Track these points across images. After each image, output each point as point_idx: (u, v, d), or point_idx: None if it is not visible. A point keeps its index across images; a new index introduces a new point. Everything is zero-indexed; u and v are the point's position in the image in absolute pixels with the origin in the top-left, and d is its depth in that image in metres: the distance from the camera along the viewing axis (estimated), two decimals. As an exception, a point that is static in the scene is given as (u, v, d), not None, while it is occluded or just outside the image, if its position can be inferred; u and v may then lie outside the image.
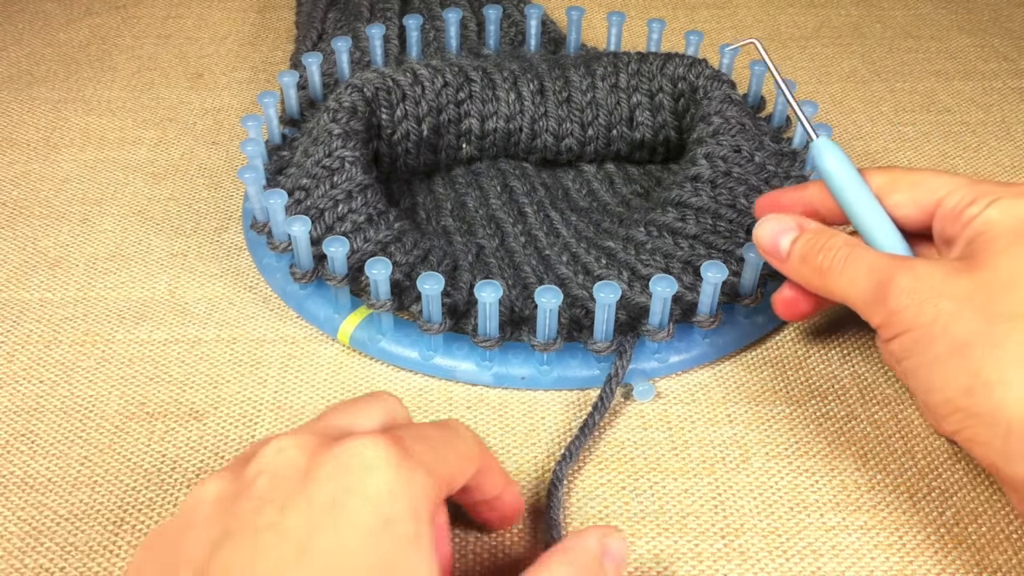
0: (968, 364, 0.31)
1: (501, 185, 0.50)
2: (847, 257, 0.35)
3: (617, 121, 0.51)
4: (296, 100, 0.52)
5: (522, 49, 0.59)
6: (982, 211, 0.34)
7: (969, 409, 0.32)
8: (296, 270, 0.43)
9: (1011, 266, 0.32)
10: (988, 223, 0.33)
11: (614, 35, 0.57)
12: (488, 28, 0.58)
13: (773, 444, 0.39)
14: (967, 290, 0.32)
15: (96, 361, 0.43)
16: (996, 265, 0.32)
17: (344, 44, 0.54)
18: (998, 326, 0.31)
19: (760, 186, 0.44)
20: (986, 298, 0.32)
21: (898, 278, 0.33)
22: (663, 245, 0.43)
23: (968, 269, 0.33)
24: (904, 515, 0.37)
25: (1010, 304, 0.31)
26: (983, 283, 0.32)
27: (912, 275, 0.33)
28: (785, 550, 0.35)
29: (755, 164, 0.45)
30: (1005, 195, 0.34)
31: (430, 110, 0.49)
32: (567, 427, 0.40)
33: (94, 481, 0.37)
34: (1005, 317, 0.31)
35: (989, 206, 0.34)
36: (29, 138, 0.57)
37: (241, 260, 0.48)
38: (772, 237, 0.38)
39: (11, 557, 0.35)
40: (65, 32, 0.67)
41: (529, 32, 0.58)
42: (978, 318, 0.31)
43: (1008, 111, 0.60)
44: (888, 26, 0.69)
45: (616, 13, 0.56)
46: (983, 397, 0.31)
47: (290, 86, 0.51)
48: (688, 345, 0.42)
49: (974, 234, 0.34)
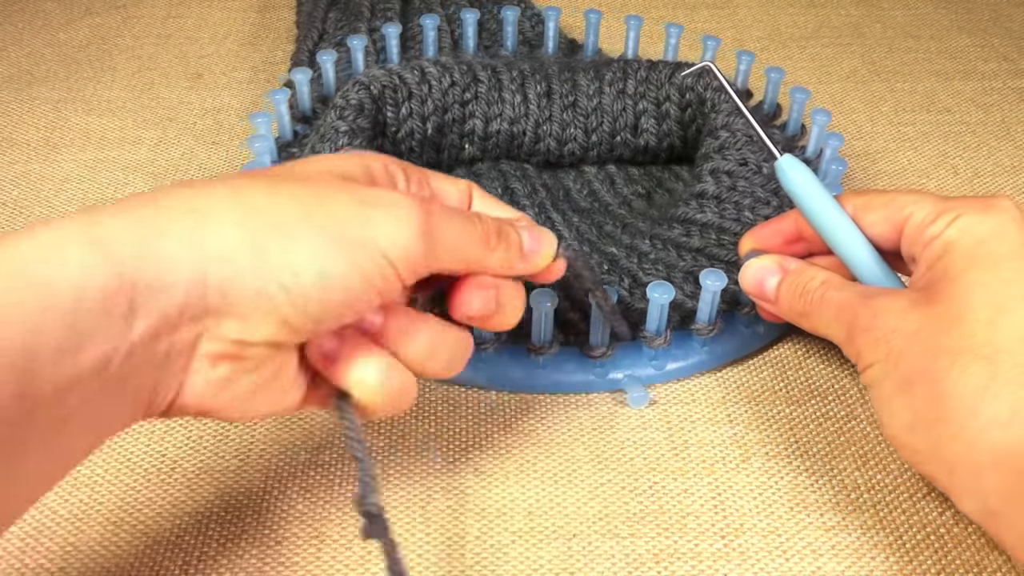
0: (911, 401, 0.31)
1: (502, 187, 0.50)
2: (821, 299, 0.35)
3: (622, 128, 0.51)
4: (308, 97, 0.52)
5: (538, 51, 0.59)
6: (943, 231, 0.33)
7: (914, 446, 0.31)
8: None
9: (962, 296, 0.31)
10: (947, 245, 0.33)
11: (631, 39, 0.57)
12: (506, 30, 0.58)
13: (773, 444, 0.39)
14: (917, 325, 0.31)
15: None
16: (948, 296, 0.31)
17: (360, 43, 0.54)
18: (939, 361, 0.30)
19: (768, 197, 0.44)
20: (933, 332, 0.31)
21: (859, 317, 0.33)
22: (666, 256, 0.43)
23: (923, 301, 0.32)
24: (904, 515, 0.37)
25: (954, 338, 0.30)
26: (933, 317, 0.31)
27: (870, 312, 0.33)
28: (785, 550, 0.35)
29: (762, 175, 0.45)
30: (968, 212, 0.33)
31: (435, 109, 0.49)
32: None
33: (94, 481, 0.37)
34: (948, 352, 0.30)
35: (950, 225, 0.33)
36: (29, 138, 0.57)
37: (241, 260, 0.48)
38: (757, 282, 0.38)
39: (11, 557, 0.35)
40: (65, 32, 0.67)
41: (547, 35, 0.58)
42: (923, 354, 0.31)
43: (1008, 111, 0.60)
44: (888, 26, 0.69)
45: (634, 17, 0.56)
46: (924, 434, 0.31)
47: (303, 83, 0.52)
48: (686, 352, 0.42)
49: (933, 257, 0.33)
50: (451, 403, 0.41)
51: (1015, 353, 0.30)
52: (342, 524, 0.36)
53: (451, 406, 0.41)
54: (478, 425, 0.40)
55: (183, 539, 0.35)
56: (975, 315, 0.30)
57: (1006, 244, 0.32)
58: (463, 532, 0.36)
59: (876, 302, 0.33)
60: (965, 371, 0.30)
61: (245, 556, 0.35)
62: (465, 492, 0.37)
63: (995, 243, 0.32)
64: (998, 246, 0.31)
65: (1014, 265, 0.31)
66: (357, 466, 0.30)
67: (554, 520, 0.36)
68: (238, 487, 0.37)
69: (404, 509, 0.37)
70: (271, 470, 0.38)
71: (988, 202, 0.33)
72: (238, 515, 0.36)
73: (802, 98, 0.51)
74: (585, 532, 0.36)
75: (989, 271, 0.31)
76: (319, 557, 0.35)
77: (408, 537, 0.36)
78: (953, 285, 0.31)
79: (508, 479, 0.38)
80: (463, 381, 0.42)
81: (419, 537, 0.36)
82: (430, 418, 0.40)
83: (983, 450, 0.29)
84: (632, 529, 0.36)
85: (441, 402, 0.41)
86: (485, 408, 0.41)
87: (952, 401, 0.30)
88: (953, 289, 0.31)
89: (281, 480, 0.38)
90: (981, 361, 0.30)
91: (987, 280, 0.31)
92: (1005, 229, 0.32)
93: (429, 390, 0.42)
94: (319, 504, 0.37)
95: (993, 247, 0.31)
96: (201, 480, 0.37)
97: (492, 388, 0.42)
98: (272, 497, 0.37)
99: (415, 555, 0.35)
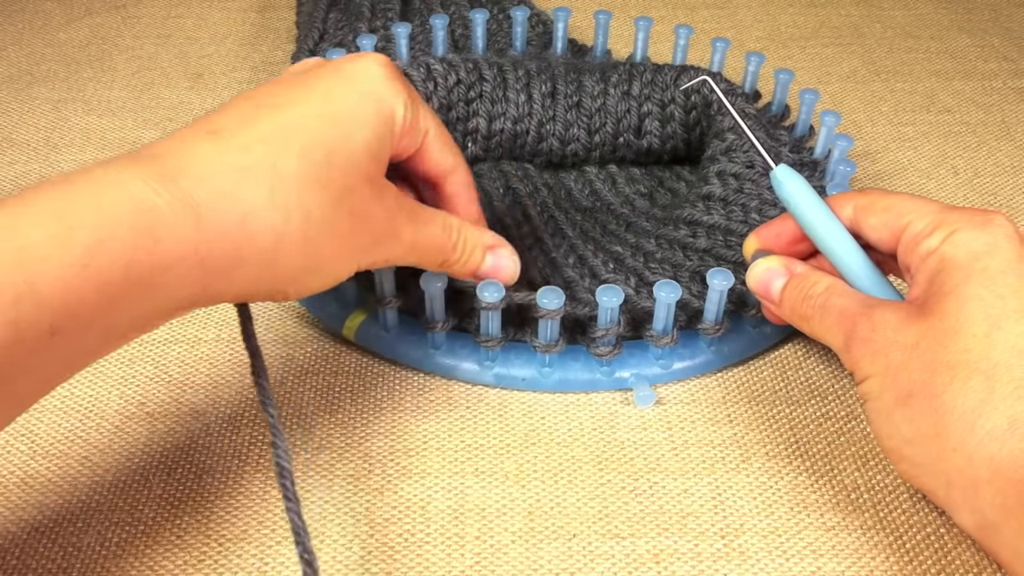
0: (910, 414, 0.31)
1: (504, 187, 0.50)
2: (823, 305, 0.35)
3: (625, 129, 0.51)
4: None
5: (547, 52, 0.59)
6: (939, 246, 0.33)
7: (912, 459, 0.32)
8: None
9: (957, 310, 0.31)
10: (942, 260, 0.33)
11: (641, 39, 0.57)
12: (515, 30, 0.58)
13: (773, 444, 0.39)
14: (915, 338, 0.32)
15: (96, 361, 0.43)
16: (944, 310, 0.32)
17: (369, 42, 0.54)
18: (938, 376, 0.31)
19: (775, 199, 0.44)
20: (931, 346, 0.31)
21: (858, 327, 0.33)
22: (672, 256, 0.43)
23: (920, 315, 0.32)
24: (904, 515, 0.37)
25: (952, 352, 0.31)
26: (930, 330, 0.32)
27: (870, 325, 0.33)
28: (785, 550, 0.35)
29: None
30: (963, 227, 0.33)
31: (440, 107, 0.49)
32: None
33: (94, 481, 0.37)
34: (946, 366, 0.31)
35: (946, 240, 0.33)
36: (29, 138, 0.57)
37: (241, 260, 0.48)
38: (763, 283, 0.38)
39: (11, 557, 0.35)
40: (65, 32, 0.67)
41: (556, 35, 0.58)
42: (922, 368, 0.31)
43: (1008, 111, 0.60)
44: (888, 26, 0.69)
45: (643, 18, 0.56)
46: (922, 448, 0.31)
47: None
48: (692, 352, 0.42)
49: (930, 271, 0.33)
50: (452, 403, 0.41)
51: (1012, 368, 0.30)
52: (342, 524, 0.36)
53: (451, 406, 0.41)
54: (478, 425, 0.40)
55: (183, 539, 0.35)
56: (972, 329, 0.31)
57: (1000, 259, 0.32)
58: (463, 532, 0.36)
59: (875, 313, 0.33)
60: (964, 386, 0.30)
61: (245, 556, 0.35)
62: (465, 492, 0.37)
63: (989, 258, 0.32)
64: (992, 261, 0.32)
65: (1008, 280, 0.32)
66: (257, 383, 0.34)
67: (554, 520, 0.36)
68: (238, 487, 0.37)
69: (404, 509, 0.37)
70: (270, 470, 0.38)
71: (984, 217, 0.33)
72: (238, 515, 0.36)
73: (811, 99, 0.51)
74: (585, 532, 0.36)
75: (984, 286, 0.31)
76: (319, 557, 0.35)
77: (408, 537, 0.36)
78: (949, 299, 0.32)
79: (508, 479, 0.38)
80: (470, 378, 0.42)
81: (419, 537, 0.36)
82: (430, 418, 0.40)
83: (981, 464, 0.30)
84: (632, 529, 0.36)
85: (441, 400, 0.41)
86: (486, 408, 0.41)
87: (951, 416, 0.30)
88: (949, 303, 0.32)
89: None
90: (979, 376, 0.30)
91: (982, 295, 0.31)
92: (999, 245, 0.32)
93: (429, 390, 0.42)
94: (319, 504, 0.37)
95: (988, 262, 0.32)
96: (201, 480, 0.37)
97: (498, 387, 0.42)
98: (272, 497, 0.37)
99: (415, 555, 0.35)
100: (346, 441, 0.39)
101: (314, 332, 0.44)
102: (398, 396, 0.41)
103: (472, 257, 0.38)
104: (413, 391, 0.41)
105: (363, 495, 0.37)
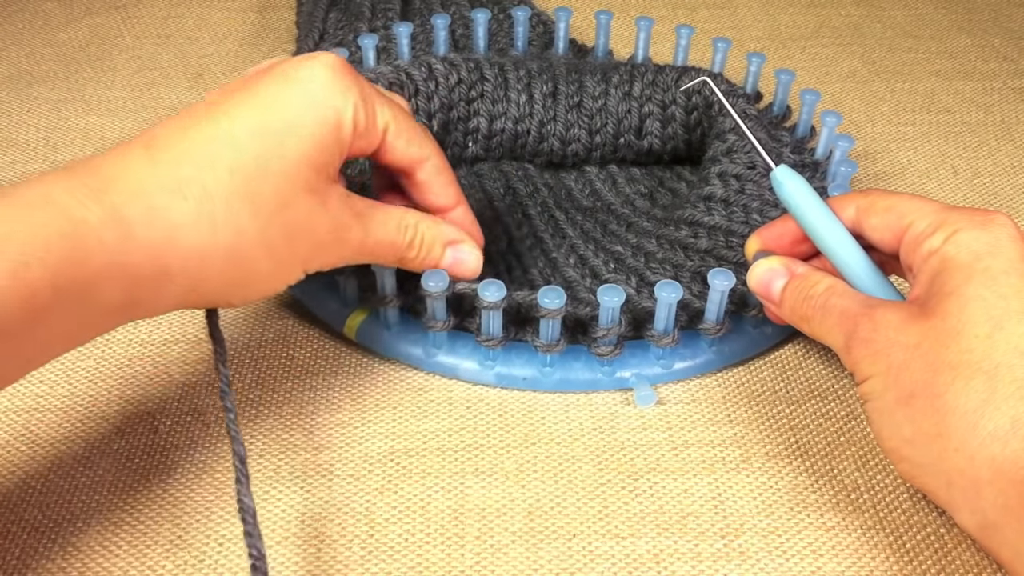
0: (912, 414, 0.31)
1: (504, 187, 0.50)
2: (824, 306, 0.35)
3: (626, 130, 0.51)
4: None
5: (548, 52, 0.59)
6: (940, 246, 0.33)
7: (913, 459, 0.32)
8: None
9: (959, 310, 0.31)
10: (944, 260, 0.33)
11: (642, 39, 0.57)
12: (516, 30, 0.58)
13: (773, 444, 0.39)
14: (917, 338, 0.32)
15: (96, 361, 0.43)
16: (945, 310, 0.32)
17: (371, 41, 0.54)
18: (941, 376, 0.31)
19: (776, 200, 0.44)
20: (932, 346, 0.31)
21: (859, 327, 0.33)
22: (673, 256, 0.43)
23: (922, 315, 0.32)
24: (904, 515, 0.37)
25: (953, 352, 0.31)
26: (931, 330, 0.32)
27: (871, 325, 0.33)
28: (785, 550, 0.35)
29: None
30: (965, 227, 0.33)
31: (441, 106, 0.49)
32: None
33: (94, 481, 0.37)
34: (948, 366, 0.31)
35: (947, 241, 0.33)
36: (29, 138, 0.57)
37: (241, 260, 0.48)
38: (764, 283, 0.38)
39: (11, 557, 0.35)
40: (65, 32, 0.67)
41: (557, 35, 0.58)
42: (924, 368, 0.31)
43: (1008, 111, 0.60)
44: (888, 26, 0.69)
45: (644, 18, 0.56)
46: (924, 448, 0.31)
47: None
48: (694, 352, 0.42)
49: (932, 271, 0.33)
50: (452, 403, 0.41)
51: (1014, 368, 0.30)
52: (342, 524, 0.36)
53: (452, 405, 0.41)
54: (478, 425, 0.40)
55: (183, 539, 0.35)
56: (974, 330, 0.31)
57: (1002, 260, 0.32)
58: (463, 532, 0.36)
59: (877, 313, 0.33)
60: (967, 386, 0.30)
61: (244, 556, 0.35)
62: (465, 492, 0.37)
63: (991, 259, 0.32)
64: (994, 262, 0.32)
65: (1011, 280, 0.32)
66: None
67: (554, 520, 0.36)
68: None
69: (404, 509, 0.37)
70: (270, 470, 0.38)
71: (985, 217, 0.33)
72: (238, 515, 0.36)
73: (812, 100, 0.51)
74: (585, 532, 0.36)
75: (986, 286, 0.31)
76: (319, 557, 0.35)
77: (408, 537, 0.36)
78: (951, 300, 0.32)
79: (508, 479, 0.38)
80: (471, 378, 0.42)
81: (419, 537, 0.36)
82: (430, 418, 0.40)
83: (982, 464, 0.30)
84: (632, 529, 0.36)
85: (441, 400, 0.41)
86: (486, 407, 0.41)
87: (953, 416, 0.30)
88: (951, 304, 0.32)
89: (280, 480, 0.38)
90: (981, 376, 0.30)
91: (984, 295, 0.31)
92: (1001, 245, 0.32)
93: (429, 390, 0.42)
94: (319, 504, 0.37)
95: (989, 263, 0.32)
96: (200, 480, 0.37)
97: (499, 386, 0.42)
98: (272, 497, 0.37)
99: (415, 555, 0.35)
100: (346, 441, 0.39)
101: (314, 332, 0.44)
102: (398, 396, 0.41)
103: (431, 253, 0.39)
104: (413, 391, 0.41)
105: (363, 495, 0.37)
